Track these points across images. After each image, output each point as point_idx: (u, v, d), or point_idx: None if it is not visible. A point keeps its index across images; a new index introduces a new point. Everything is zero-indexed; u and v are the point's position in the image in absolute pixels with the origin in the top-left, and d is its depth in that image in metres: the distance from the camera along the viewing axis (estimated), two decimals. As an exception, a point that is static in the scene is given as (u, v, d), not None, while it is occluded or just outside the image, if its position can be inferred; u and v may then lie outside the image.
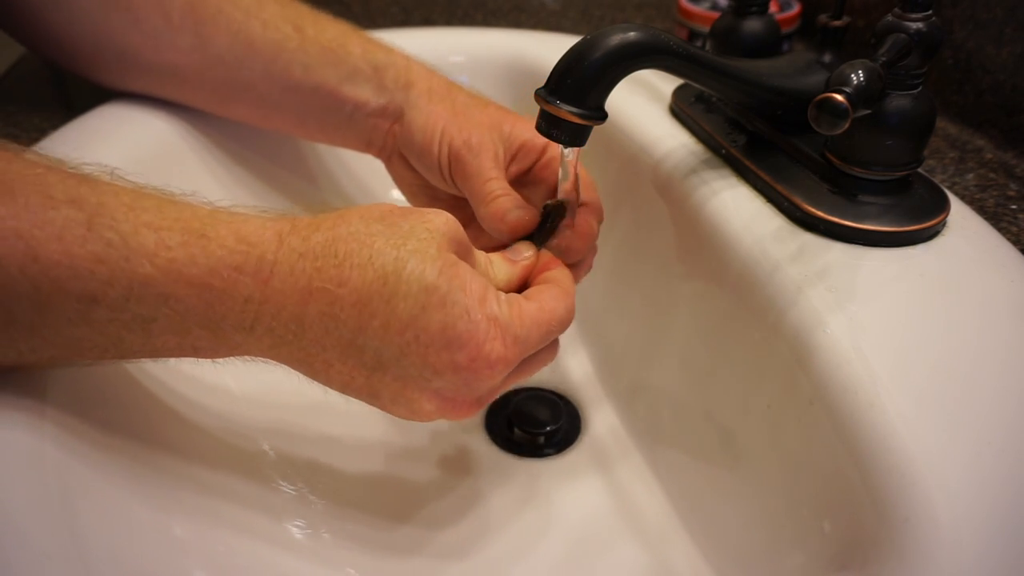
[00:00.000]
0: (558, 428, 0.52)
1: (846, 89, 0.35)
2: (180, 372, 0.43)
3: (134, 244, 0.30)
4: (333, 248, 0.32)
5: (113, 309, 0.30)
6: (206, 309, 0.31)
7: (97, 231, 0.30)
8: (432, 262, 0.32)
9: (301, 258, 0.32)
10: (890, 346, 0.35)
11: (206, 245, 0.31)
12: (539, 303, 0.36)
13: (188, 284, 0.31)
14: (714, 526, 0.44)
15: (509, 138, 0.46)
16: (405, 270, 0.32)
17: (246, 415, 0.46)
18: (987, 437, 0.32)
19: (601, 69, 0.36)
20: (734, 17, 0.49)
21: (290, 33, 0.48)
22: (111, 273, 0.30)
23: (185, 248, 0.31)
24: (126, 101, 0.51)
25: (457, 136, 0.46)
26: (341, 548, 0.43)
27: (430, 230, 0.33)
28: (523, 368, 0.37)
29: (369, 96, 0.49)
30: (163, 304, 0.31)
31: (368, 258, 0.32)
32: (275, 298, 0.32)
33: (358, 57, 0.48)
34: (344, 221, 0.33)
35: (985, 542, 0.29)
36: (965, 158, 0.53)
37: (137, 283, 0.30)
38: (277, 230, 0.33)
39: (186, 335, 0.32)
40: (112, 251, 0.30)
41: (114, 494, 0.35)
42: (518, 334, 0.34)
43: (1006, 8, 0.52)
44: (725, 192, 0.45)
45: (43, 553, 0.29)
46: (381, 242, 0.32)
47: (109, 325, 0.31)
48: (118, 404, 0.38)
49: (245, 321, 0.32)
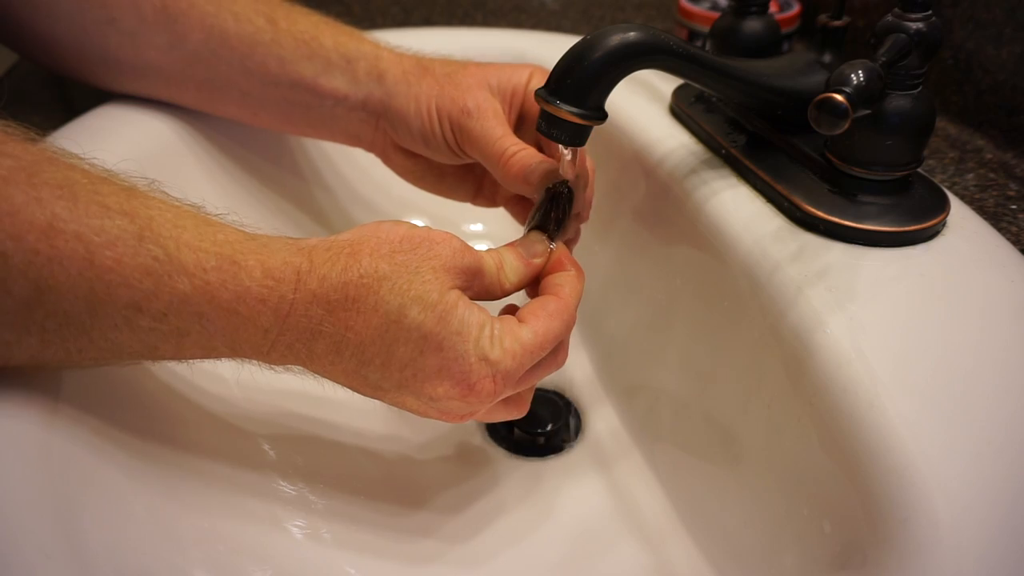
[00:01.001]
0: (558, 428, 0.52)
1: (846, 89, 0.35)
2: (183, 373, 0.43)
3: (176, 262, 0.32)
4: (345, 293, 0.35)
5: (155, 319, 0.32)
6: (231, 332, 0.34)
7: (146, 245, 0.32)
8: (431, 310, 0.35)
9: (315, 303, 0.35)
10: (890, 346, 0.35)
11: (236, 272, 0.33)
12: (534, 329, 0.37)
13: (218, 307, 0.33)
14: (714, 526, 0.44)
15: (500, 89, 0.46)
16: (406, 320, 0.35)
17: (247, 415, 0.46)
18: (987, 437, 0.32)
19: (601, 69, 0.36)
20: (734, 17, 0.49)
21: (263, 25, 0.48)
22: (156, 286, 0.32)
23: (219, 272, 0.33)
24: (125, 101, 0.51)
25: (452, 107, 0.46)
26: (341, 548, 0.43)
27: (435, 268, 0.36)
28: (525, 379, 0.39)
29: (347, 89, 0.49)
30: (196, 321, 0.33)
31: (374, 305, 0.35)
32: (290, 332, 0.35)
33: (330, 49, 0.48)
34: (355, 262, 0.35)
35: (985, 542, 0.29)
36: (965, 158, 0.53)
37: (177, 299, 0.32)
38: (296, 268, 0.35)
39: (211, 351, 0.35)
40: (158, 266, 0.32)
41: (117, 492, 0.35)
42: (509, 369, 0.36)
43: (1006, 8, 0.52)
44: (725, 192, 0.45)
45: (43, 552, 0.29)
46: (387, 290, 0.35)
47: (149, 334, 0.33)
48: (127, 403, 0.39)
49: (263, 348, 0.35)
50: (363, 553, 0.43)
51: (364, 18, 0.77)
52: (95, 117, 0.50)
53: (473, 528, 0.46)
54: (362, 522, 0.45)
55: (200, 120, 0.52)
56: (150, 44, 0.48)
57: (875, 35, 0.39)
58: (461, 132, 0.46)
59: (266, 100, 0.49)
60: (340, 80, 0.48)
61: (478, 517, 0.47)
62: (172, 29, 0.47)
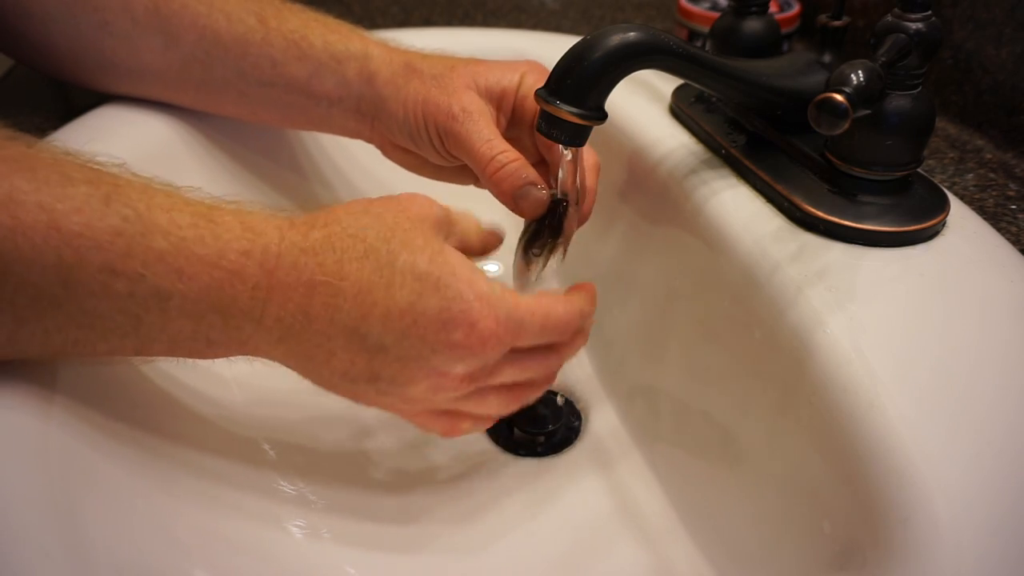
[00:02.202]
0: (558, 428, 0.52)
1: (846, 89, 0.35)
2: (183, 373, 0.43)
3: (148, 221, 0.32)
4: (331, 243, 0.35)
5: (132, 281, 0.31)
6: (217, 291, 0.33)
7: (114, 207, 0.31)
8: (420, 252, 0.35)
9: (303, 253, 0.34)
10: (890, 346, 0.35)
11: (214, 228, 0.33)
12: (532, 297, 0.38)
13: (200, 262, 0.32)
14: (714, 526, 0.44)
15: (488, 91, 0.46)
16: (398, 262, 0.35)
17: (247, 415, 0.46)
18: (987, 437, 0.32)
19: (601, 69, 0.36)
20: (734, 17, 0.49)
21: (254, 25, 0.48)
22: (128, 246, 0.31)
23: (195, 229, 0.32)
24: (125, 101, 0.51)
25: (438, 111, 0.45)
26: (341, 547, 0.43)
27: (411, 219, 0.36)
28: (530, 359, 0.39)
29: (340, 92, 0.48)
30: (177, 279, 0.32)
31: (363, 252, 0.35)
32: (281, 289, 0.34)
33: (320, 50, 0.48)
34: (335, 219, 0.36)
35: (985, 542, 0.29)
36: (965, 158, 0.53)
37: (152, 256, 0.31)
38: (277, 225, 0.35)
39: (200, 320, 0.33)
40: (129, 225, 0.31)
41: (116, 491, 0.35)
42: (511, 312, 0.36)
43: (1006, 8, 0.52)
44: (725, 192, 0.45)
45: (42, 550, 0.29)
46: (372, 236, 0.35)
47: (129, 300, 0.32)
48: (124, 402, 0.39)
49: (255, 310, 0.34)
50: (363, 552, 0.43)
51: (364, 18, 0.77)
52: (95, 117, 0.50)
53: (473, 528, 0.46)
54: (362, 522, 0.45)
55: (200, 119, 0.52)
56: (144, 47, 0.47)
57: (875, 35, 0.39)
58: (447, 136, 0.45)
59: (263, 100, 0.49)
60: (331, 83, 0.48)
61: (478, 517, 0.47)
62: (165, 31, 0.47)
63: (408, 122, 0.47)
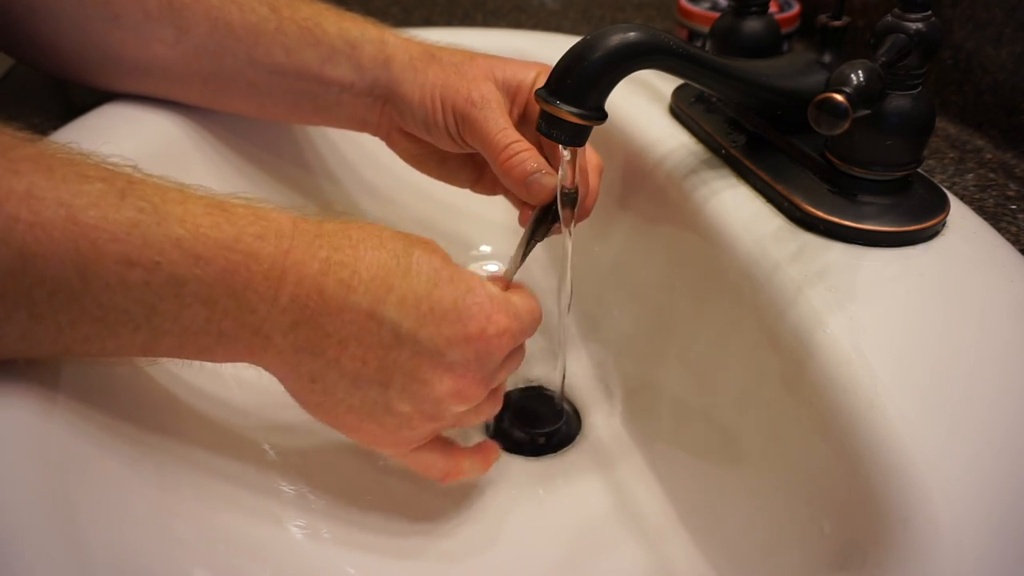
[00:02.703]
0: (558, 428, 0.52)
1: (846, 89, 0.35)
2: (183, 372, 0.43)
3: (163, 212, 0.32)
4: (346, 233, 0.36)
5: (147, 270, 0.32)
6: (233, 273, 0.33)
7: (129, 200, 0.32)
8: (434, 252, 0.37)
9: (317, 238, 0.35)
10: (890, 346, 0.35)
11: (228, 216, 0.34)
12: (520, 296, 0.40)
13: (216, 245, 0.33)
14: (714, 526, 0.44)
15: (505, 84, 0.47)
16: (414, 255, 0.36)
17: (249, 416, 0.46)
18: (987, 437, 0.32)
19: (601, 69, 0.36)
20: (734, 17, 0.49)
21: (267, 15, 0.48)
22: (144, 236, 0.32)
23: (210, 216, 0.33)
24: (126, 100, 0.51)
25: (457, 96, 0.46)
26: (341, 548, 0.43)
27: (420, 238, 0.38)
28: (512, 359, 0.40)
29: (353, 77, 0.49)
30: (193, 264, 0.32)
31: (380, 242, 0.36)
32: (295, 268, 0.34)
33: (334, 36, 0.48)
34: (345, 223, 0.37)
35: (985, 542, 0.29)
36: (965, 158, 0.53)
37: (169, 244, 0.32)
38: (290, 216, 0.36)
39: (214, 306, 0.33)
40: (144, 216, 0.32)
41: (118, 490, 0.35)
42: (517, 310, 0.39)
43: (1006, 8, 0.52)
44: (725, 192, 0.45)
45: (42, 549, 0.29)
46: (387, 234, 0.37)
47: (144, 289, 0.32)
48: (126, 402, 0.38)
49: (269, 290, 0.34)
50: (363, 552, 0.43)
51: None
52: (97, 116, 0.50)
53: (473, 528, 0.46)
54: (362, 521, 0.45)
55: (204, 116, 0.52)
56: (155, 39, 0.47)
57: (875, 35, 0.39)
58: (464, 122, 0.46)
59: (272, 90, 0.49)
60: (345, 67, 0.48)
61: (478, 517, 0.47)
62: (177, 22, 0.47)
63: (424, 106, 0.47)
